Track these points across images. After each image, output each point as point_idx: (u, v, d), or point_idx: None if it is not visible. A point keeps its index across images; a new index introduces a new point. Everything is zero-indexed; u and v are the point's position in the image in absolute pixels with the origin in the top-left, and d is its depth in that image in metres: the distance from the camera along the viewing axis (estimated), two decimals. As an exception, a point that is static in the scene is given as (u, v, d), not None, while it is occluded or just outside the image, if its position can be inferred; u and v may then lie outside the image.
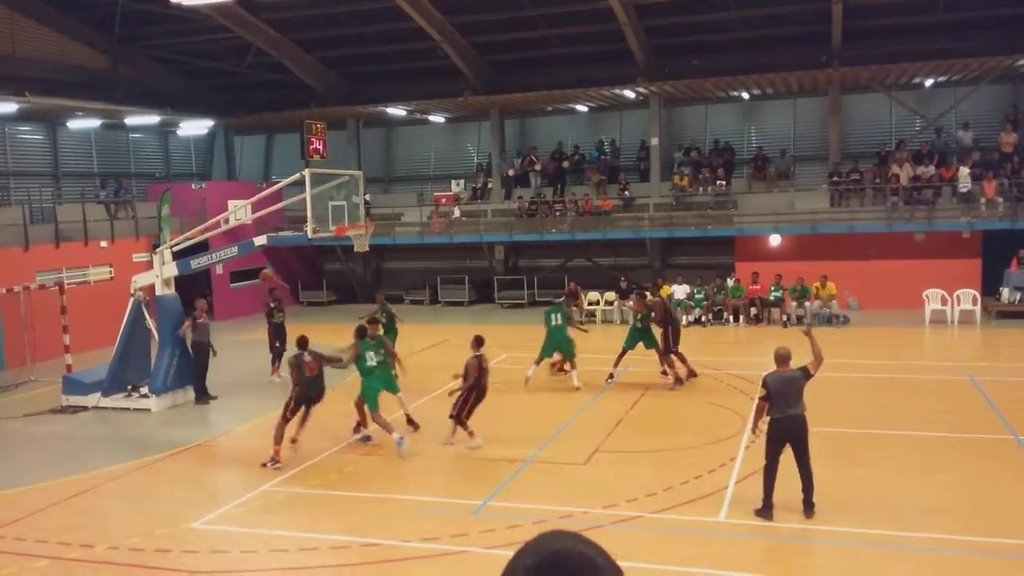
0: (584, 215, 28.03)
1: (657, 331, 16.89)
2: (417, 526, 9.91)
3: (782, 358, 9.80)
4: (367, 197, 26.71)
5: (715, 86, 27.65)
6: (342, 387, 16.95)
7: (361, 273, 32.15)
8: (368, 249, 18.39)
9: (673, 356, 16.58)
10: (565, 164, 30.02)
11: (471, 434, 12.68)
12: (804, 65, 25.48)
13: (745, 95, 29.41)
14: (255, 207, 18.96)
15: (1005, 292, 23.14)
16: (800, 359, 9.91)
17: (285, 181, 17.15)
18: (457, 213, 30.02)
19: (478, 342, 13.00)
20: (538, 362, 17.16)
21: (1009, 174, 24.57)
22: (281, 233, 25.81)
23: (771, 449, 9.68)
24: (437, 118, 32.73)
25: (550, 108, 31.83)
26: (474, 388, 12.75)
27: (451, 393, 13.04)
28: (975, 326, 22.48)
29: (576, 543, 1.58)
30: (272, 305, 18.63)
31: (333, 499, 11.03)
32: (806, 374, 9.69)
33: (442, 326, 25.20)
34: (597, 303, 25.89)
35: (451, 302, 29.81)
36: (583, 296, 25.57)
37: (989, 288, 23.70)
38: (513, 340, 19.39)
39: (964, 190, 24.49)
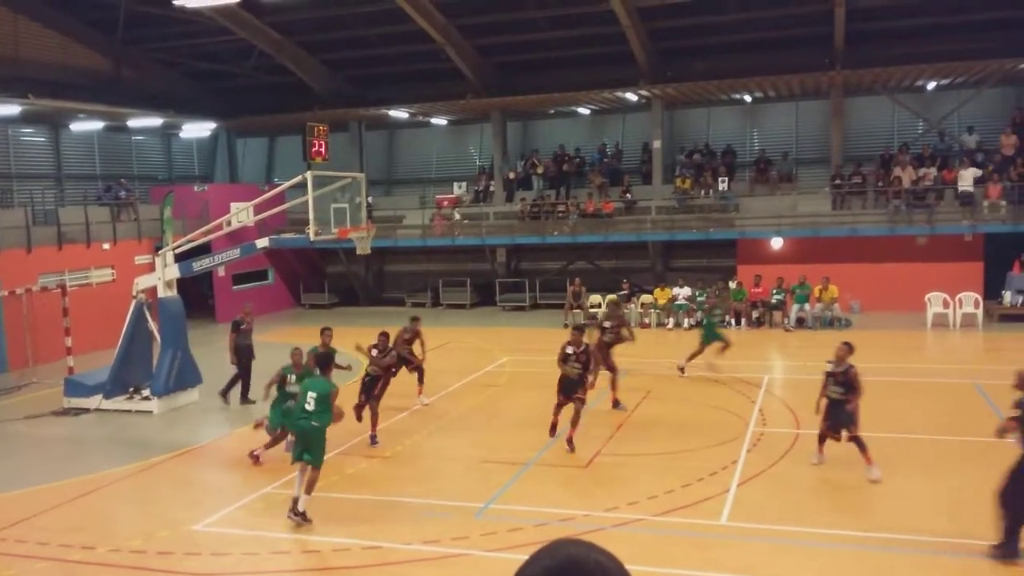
0: (586, 218, 28.04)
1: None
2: (418, 529, 9.91)
3: None
4: (369, 199, 26.74)
5: (717, 89, 27.64)
6: (346, 387, 16.95)
7: (363, 276, 32.16)
8: (370, 251, 18.39)
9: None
10: (565, 167, 30.06)
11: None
12: (807, 68, 25.48)
13: (747, 98, 29.41)
14: (257, 209, 18.97)
15: (1007, 295, 23.12)
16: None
17: (287, 183, 17.16)
18: (458, 216, 30.04)
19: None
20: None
21: (1012, 177, 24.57)
22: (283, 235, 25.82)
23: None
24: (439, 120, 32.77)
25: (552, 111, 31.86)
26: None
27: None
28: (977, 329, 22.46)
29: (591, 551, 1.62)
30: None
31: (335, 501, 11.01)
32: None
33: (444, 329, 25.19)
34: (599, 306, 25.86)
35: (453, 305, 29.82)
36: (586, 298, 25.64)
37: (992, 291, 23.68)
38: (515, 343, 19.38)
39: (968, 190, 24.44)
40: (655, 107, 28.74)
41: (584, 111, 31.13)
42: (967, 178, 24.50)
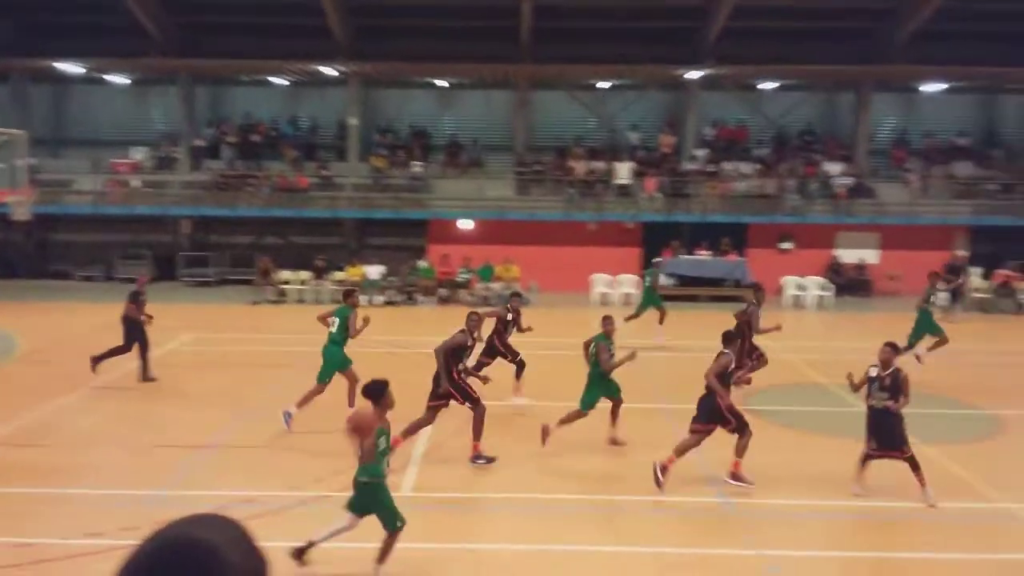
0: (280, 192, 27.42)
1: None
2: (81, 521, 9.26)
3: None
4: (31, 160, 24.06)
5: (413, 71, 28.24)
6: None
7: (23, 245, 28.89)
8: (30, 218, 16.67)
9: None
10: (255, 138, 29.12)
11: None
12: (496, 59, 26.85)
13: (443, 83, 30.30)
14: None
15: (660, 277, 26.10)
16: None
17: (-75, 138, 15.04)
18: (138, 183, 27.99)
19: None
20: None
21: (666, 173, 27.78)
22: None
23: None
24: (120, 79, 30.17)
25: (246, 78, 30.62)
26: None
27: None
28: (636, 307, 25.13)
29: (194, 528, 1.58)
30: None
31: (-20, 497, 9.97)
32: None
33: (118, 305, 23.44)
34: (287, 283, 25.50)
35: (129, 279, 27.74)
36: (275, 274, 25.15)
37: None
38: (198, 320, 18.56)
39: (625, 183, 27.30)
40: (352, 84, 28.70)
41: (280, 82, 30.28)
42: (624, 171, 27.34)
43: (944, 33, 26.76)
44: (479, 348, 13.06)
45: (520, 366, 13.98)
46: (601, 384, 11.82)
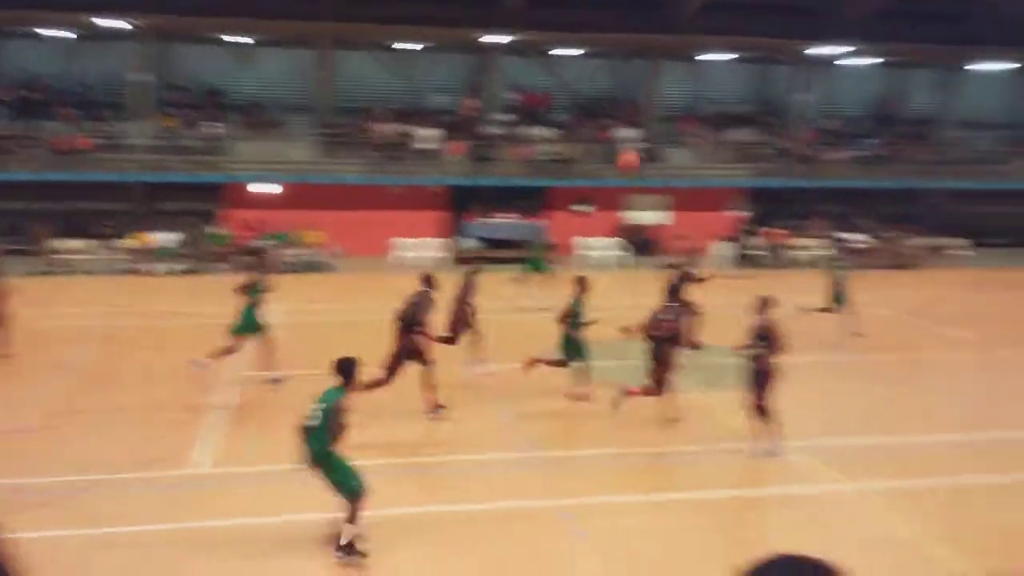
0: (58, 154, 25.36)
1: None
2: None
3: None
4: None
5: (208, 26, 26.80)
6: None
7: None
8: None
9: None
10: (25, 93, 26.71)
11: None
12: (297, 16, 25.98)
13: (245, 40, 28.88)
14: None
15: (463, 240, 26.51)
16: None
17: None
18: None
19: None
20: None
21: (470, 136, 28.05)
22: None
23: None
24: None
25: (21, 31, 27.78)
26: None
27: None
28: (441, 271, 25.38)
29: None
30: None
31: None
32: None
33: None
34: (65, 252, 23.79)
35: None
36: (47, 242, 23.43)
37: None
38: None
39: (429, 147, 27.42)
40: (141, 38, 26.87)
41: (60, 35, 27.71)
42: (428, 135, 27.45)
43: (728, 5, 28.43)
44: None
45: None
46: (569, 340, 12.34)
